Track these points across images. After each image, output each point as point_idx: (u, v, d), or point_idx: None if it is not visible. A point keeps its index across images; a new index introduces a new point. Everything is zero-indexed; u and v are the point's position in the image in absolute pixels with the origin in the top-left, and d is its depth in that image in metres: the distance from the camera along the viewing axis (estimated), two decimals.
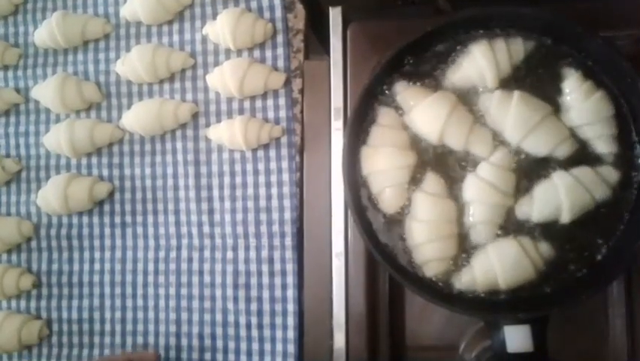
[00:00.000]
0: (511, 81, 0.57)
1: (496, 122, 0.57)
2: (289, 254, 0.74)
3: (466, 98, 0.58)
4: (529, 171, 0.56)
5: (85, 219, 0.82)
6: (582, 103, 0.55)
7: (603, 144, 0.55)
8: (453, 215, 0.56)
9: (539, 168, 0.56)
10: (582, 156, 0.56)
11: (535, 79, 0.57)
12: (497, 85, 0.57)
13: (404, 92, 0.59)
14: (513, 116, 0.55)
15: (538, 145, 0.56)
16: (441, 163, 0.58)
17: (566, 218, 0.54)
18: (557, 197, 0.54)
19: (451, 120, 0.56)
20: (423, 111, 0.57)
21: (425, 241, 0.56)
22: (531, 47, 0.58)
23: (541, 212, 0.55)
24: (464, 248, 0.57)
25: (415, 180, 0.58)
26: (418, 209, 0.57)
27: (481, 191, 0.55)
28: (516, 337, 0.52)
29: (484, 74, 0.57)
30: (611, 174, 0.55)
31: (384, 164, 0.58)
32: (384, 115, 0.59)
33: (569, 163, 0.55)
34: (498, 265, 0.54)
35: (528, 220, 0.56)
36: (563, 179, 0.54)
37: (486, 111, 0.57)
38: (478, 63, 0.57)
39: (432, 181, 0.57)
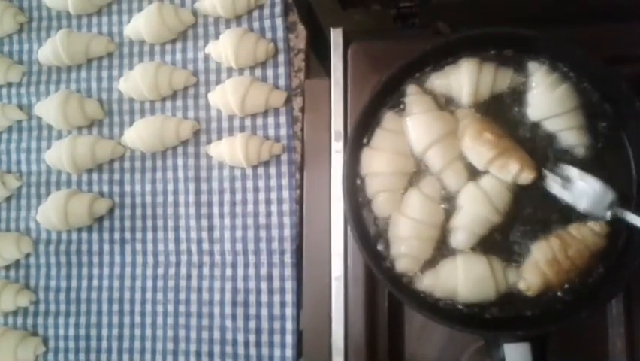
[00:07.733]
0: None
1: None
2: (288, 272, 0.74)
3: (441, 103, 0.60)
4: (525, 198, 0.56)
5: (84, 235, 0.82)
6: (548, 95, 0.56)
7: (570, 136, 0.56)
8: (438, 221, 0.57)
9: (536, 200, 0.56)
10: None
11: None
12: (471, 104, 0.58)
13: (414, 95, 0.60)
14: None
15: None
16: None
17: None
18: None
19: (440, 144, 0.57)
20: (421, 122, 0.58)
21: (405, 236, 0.56)
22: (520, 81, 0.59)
23: None
24: (440, 252, 0.57)
25: (412, 181, 0.58)
26: (408, 205, 0.57)
27: (475, 199, 0.56)
28: (515, 355, 0.52)
29: (462, 90, 0.58)
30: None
31: (382, 167, 0.58)
32: (389, 120, 0.60)
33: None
34: (462, 276, 0.55)
35: None
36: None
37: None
38: (461, 77, 0.58)
39: (429, 183, 0.58)
